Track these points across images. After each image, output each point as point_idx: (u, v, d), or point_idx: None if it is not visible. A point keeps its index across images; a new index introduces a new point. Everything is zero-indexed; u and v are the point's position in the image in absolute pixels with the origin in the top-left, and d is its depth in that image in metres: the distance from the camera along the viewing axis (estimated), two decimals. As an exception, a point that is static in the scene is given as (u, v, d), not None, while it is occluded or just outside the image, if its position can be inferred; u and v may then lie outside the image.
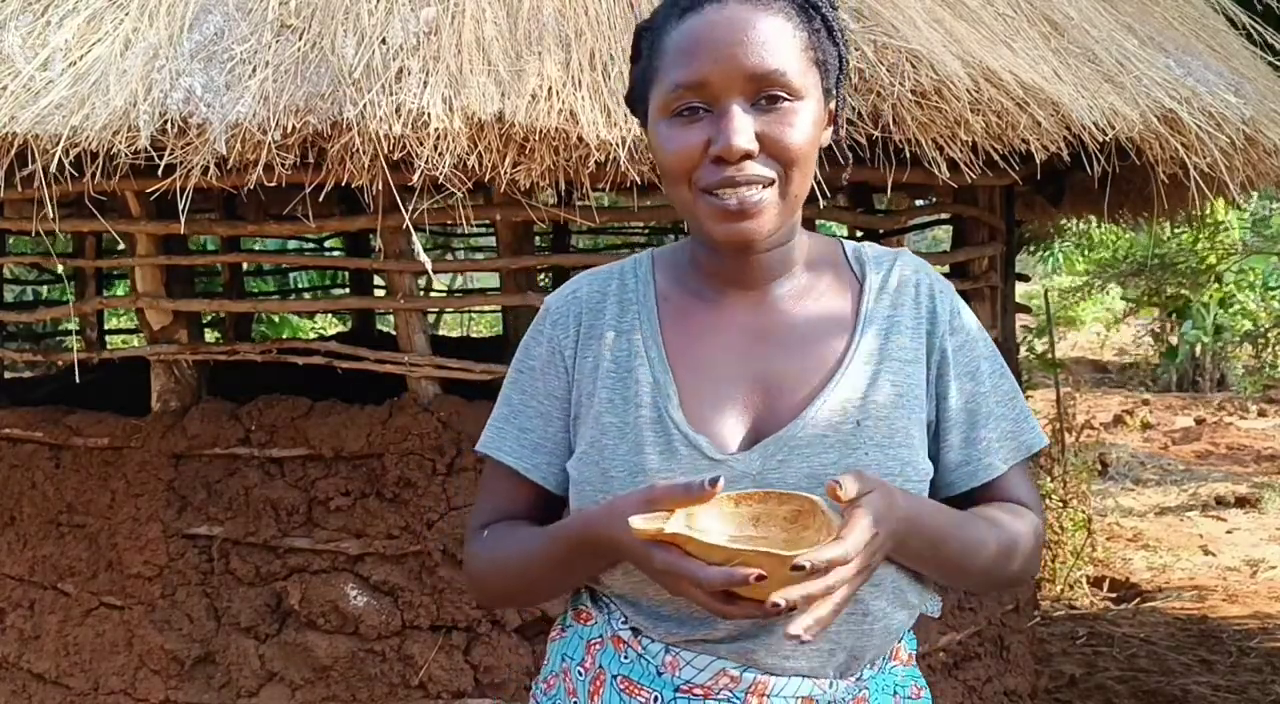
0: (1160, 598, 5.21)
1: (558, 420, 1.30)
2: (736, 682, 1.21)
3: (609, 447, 1.23)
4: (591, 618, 1.30)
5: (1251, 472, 7.92)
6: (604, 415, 1.25)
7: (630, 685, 1.24)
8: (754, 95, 1.15)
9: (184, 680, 2.86)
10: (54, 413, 3.13)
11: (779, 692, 1.20)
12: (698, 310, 1.28)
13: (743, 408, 1.24)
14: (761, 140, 1.15)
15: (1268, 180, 3.07)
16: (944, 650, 3.09)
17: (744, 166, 1.15)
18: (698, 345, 1.27)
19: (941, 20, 2.58)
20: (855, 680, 1.25)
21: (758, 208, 1.17)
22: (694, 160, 1.17)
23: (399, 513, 2.75)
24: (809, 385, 1.23)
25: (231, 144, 2.28)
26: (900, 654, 1.32)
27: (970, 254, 3.28)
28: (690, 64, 1.16)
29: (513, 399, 1.33)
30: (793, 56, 1.16)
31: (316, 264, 6.43)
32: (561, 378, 1.30)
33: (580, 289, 1.34)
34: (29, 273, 6.03)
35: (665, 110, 1.19)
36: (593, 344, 1.29)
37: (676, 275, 1.32)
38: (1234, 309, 10.80)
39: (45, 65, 2.48)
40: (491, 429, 1.35)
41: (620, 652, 1.26)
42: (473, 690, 2.75)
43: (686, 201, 1.20)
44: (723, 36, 1.15)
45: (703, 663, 1.21)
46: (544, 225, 3.66)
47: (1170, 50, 2.94)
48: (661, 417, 1.23)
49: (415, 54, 2.33)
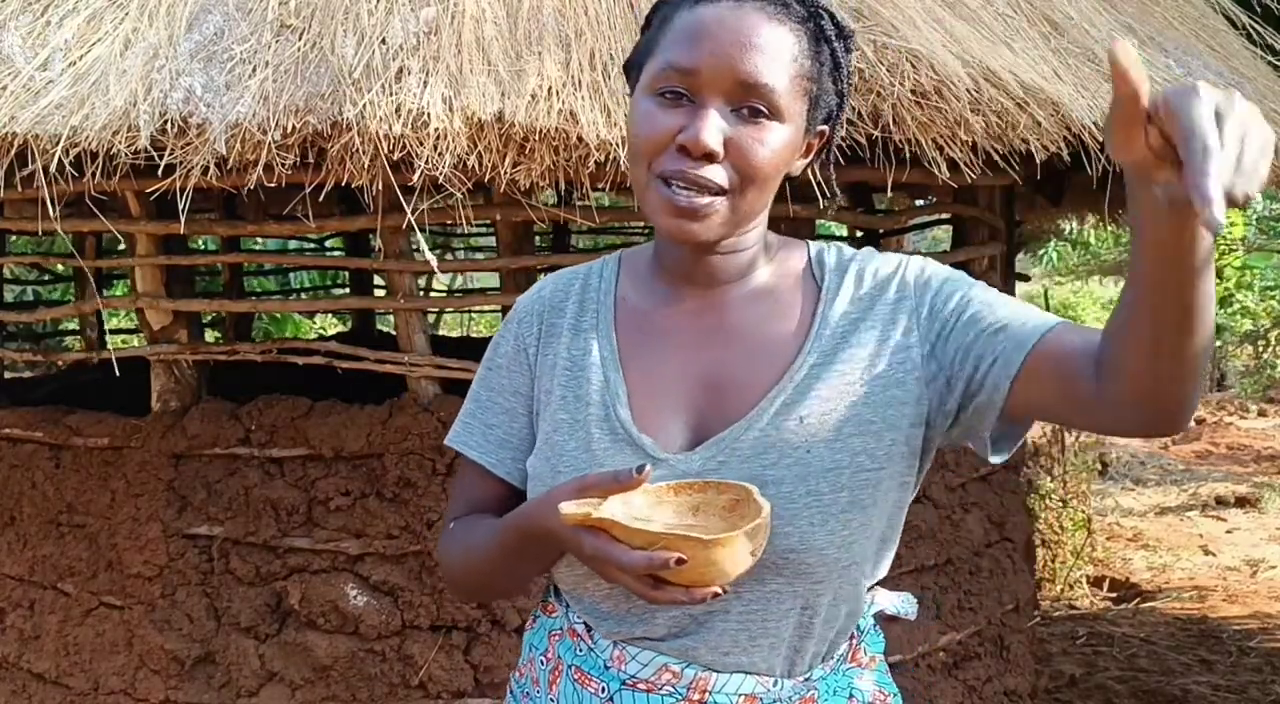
0: (1160, 598, 5.21)
1: (522, 417, 1.33)
2: (678, 677, 1.21)
3: (560, 443, 1.26)
4: (556, 610, 1.33)
5: (1251, 472, 7.92)
6: (558, 412, 1.27)
7: (583, 676, 1.26)
8: (737, 101, 1.15)
9: (184, 680, 2.86)
10: (54, 413, 3.13)
11: (720, 688, 1.21)
12: (653, 311, 1.29)
13: (689, 409, 1.24)
14: (728, 147, 1.15)
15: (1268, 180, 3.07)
16: (944, 650, 3.09)
17: (702, 165, 1.15)
18: (650, 346, 1.28)
19: (941, 20, 2.58)
20: (803, 680, 1.24)
21: (704, 212, 1.16)
22: (660, 144, 1.17)
23: (399, 513, 2.75)
24: (757, 388, 1.22)
25: (231, 144, 2.28)
26: (859, 655, 1.31)
27: (970, 254, 3.28)
28: (688, 48, 1.16)
29: (480, 395, 1.37)
30: (786, 78, 1.16)
31: (317, 264, 6.43)
32: (525, 375, 1.33)
33: (545, 288, 1.37)
34: (29, 273, 6.03)
35: (651, 86, 1.19)
36: (552, 342, 1.32)
37: (639, 276, 1.33)
38: (1234, 309, 10.80)
39: (45, 65, 2.48)
40: (460, 424, 1.37)
41: (575, 643, 1.28)
42: (473, 690, 2.75)
43: (641, 183, 1.20)
44: (727, 33, 1.15)
45: (646, 658, 1.23)
46: (544, 225, 3.66)
47: (1170, 50, 2.94)
48: (609, 415, 1.24)
49: (415, 54, 2.33)
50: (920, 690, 3.01)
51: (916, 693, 3.00)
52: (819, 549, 1.18)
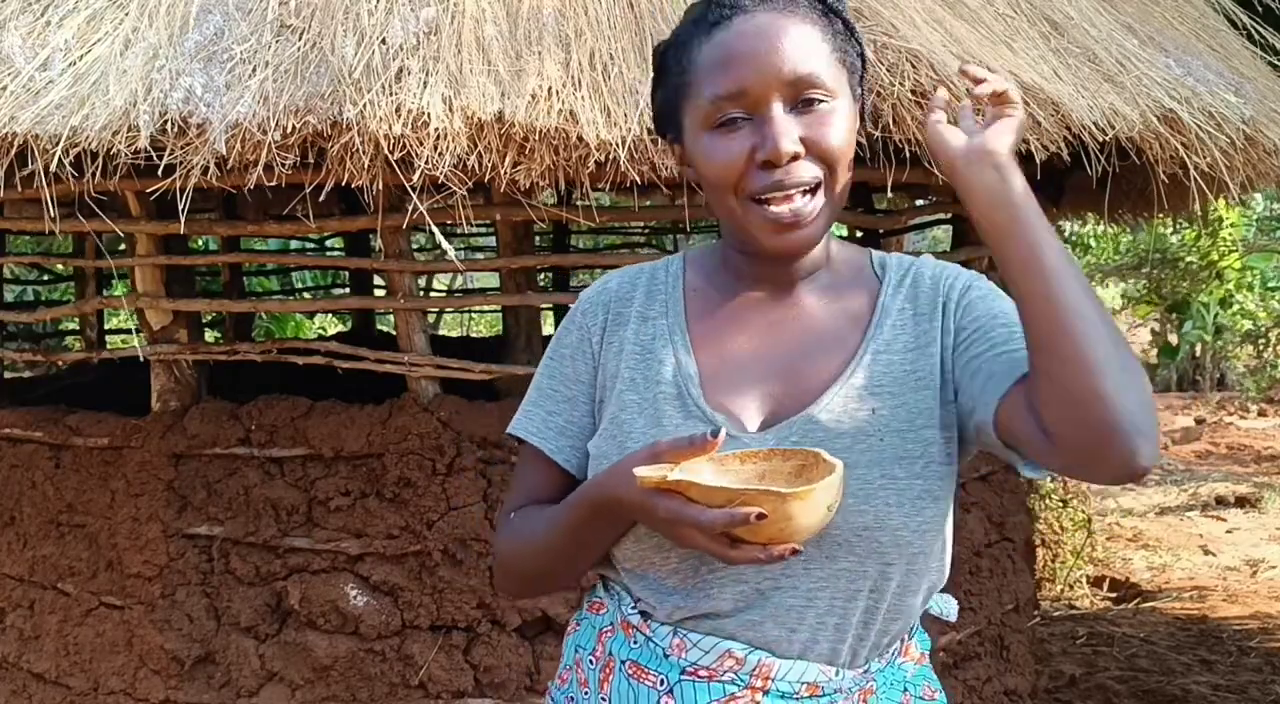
0: (1160, 598, 5.21)
1: (583, 405, 1.33)
2: (741, 664, 1.21)
3: (628, 421, 1.26)
4: (603, 607, 1.33)
5: (1251, 472, 7.92)
6: (626, 393, 1.28)
7: (638, 670, 1.25)
8: (792, 99, 1.18)
9: (184, 680, 2.86)
10: (54, 413, 3.13)
11: (783, 675, 1.21)
12: (724, 302, 1.31)
13: (762, 393, 1.26)
14: (804, 143, 1.18)
15: (1268, 180, 3.07)
16: (944, 650, 3.09)
17: (791, 170, 1.18)
18: (721, 333, 1.30)
19: (941, 20, 2.58)
20: (862, 672, 1.25)
21: (810, 217, 1.20)
22: (739, 169, 1.19)
23: (399, 513, 2.75)
24: (827, 374, 1.25)
25: (231, 144, 2.28)
26: (911, 651, 1.33)
27: (970, 254, 3.28)
28: (727, 75, 1.19)
29: (542, 384, 1.36)
30: (824, 59, 1.19)
31: (317, 264, 6.43)
32: (588, 363, 1.33)
33: (611, 282, 1.38)
34: (29, 273, 6.03)
35: (706, 124, 1.21)
36: (619, 330, 1.32)
37: (706, 272, 1.35)
38: (1234, 309, 10.79)
39: (45, 65, 2.48)
40: (521, 413, 1.37)
41: (629, 637, 1.27)
42: (473, 690, 2.75)
43: (733, 212, 1.22)
44: (756, 45, 1.18)
45: (708, 644, 1.22)
46: (544, 225, 3.66)
47: (1170, 50, 2.94)
48: (681, 394, 1.25)
49: (415, 54, 2.33)
50: (920, 690, 3.01)
51: (916, 693, 3.00)
52: (894, 529, 1.19)
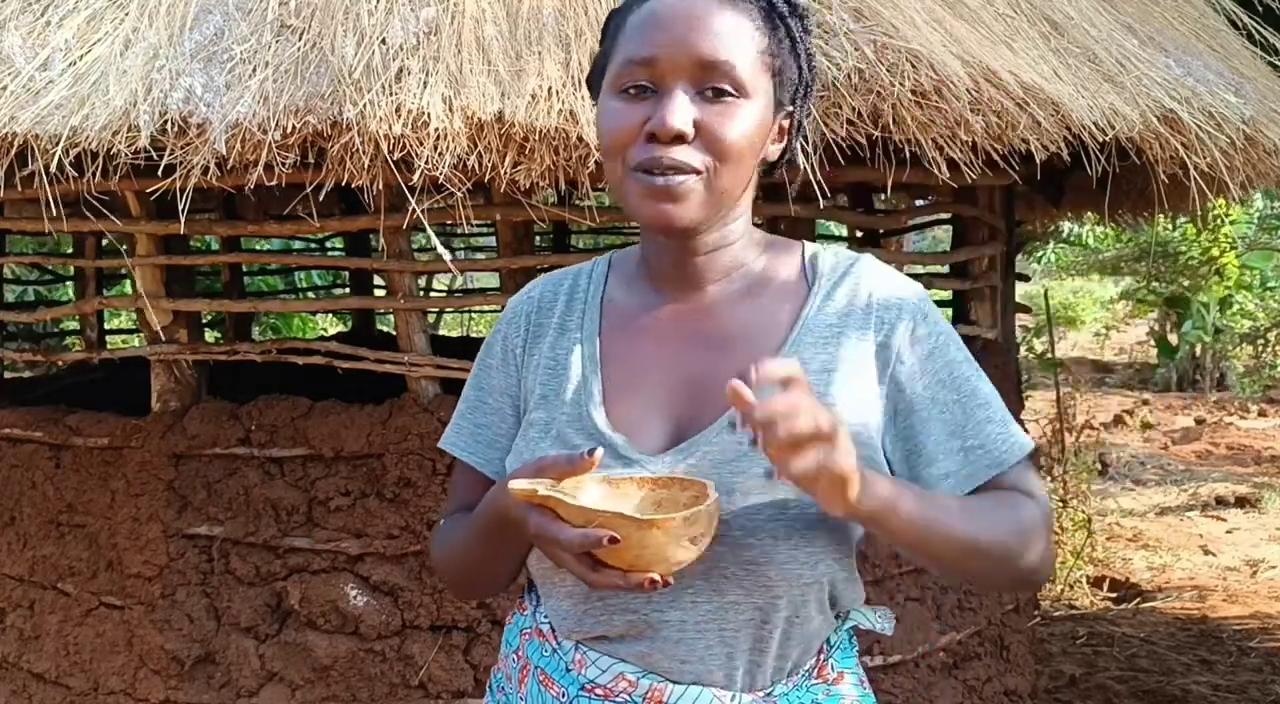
0: (1160, 598, 5.21)
1: (510, 417, 1.34)
2: (634, 686, 1.20)
3: (534, 440, 1.27)
4: (526, 608, 1.35)
5: (1251, 472, 7.92)
6: (534, 411, 1.29)
7: (546, 679, 1.27)
8: (700, 83, 1.16)
9: (184, 680, 2.86)
10: (54, 413, 3.13)
11: (675, 700, 1.19)
12: (638, 312, 1.29)
13: (668, 410, 1.24)
14: (698, 128, 1.15)
15: (1268, 180, 3.07)
16: (944, 650, 3.09)
17: (672, 149, 1.15)
18: (632, 346, 1.28)
19: (941, 20, 2.58)
20: (764, 694, 1.21)
21: (681, 191, 1.16)
22: (630, 136, 1.17)
23: (399, 513, 2.75)
24: None
25: (231, 144, 2.28)
26: (826, 672, 1.26)
27: (970, 254, 3.28)
28: (642, 40, 1.17)
29: (470, 396, 1.38)
30: (746, 54, 1.17)
31: (317, 264, 6.43)
32: (512, 376, 1.34)
33: (535, 290, 1.38)
34: (29, 273, 6.03)
35: (614, 86, 1.20)
36: (537, 343, 1.33)
37: (628, 278, 1.33)
38: (1234, 309, 10.80)
39: (45, 65, 2.48)
40: (451, 426, 1.39)
41: (541, 643, 1.29)
42: (473, 690, 2.75)
43: (618, 178, 1.21)
44: (680, 19, 1.16)
45: (605, 664, 1.23)
46: (544, 225, 3.66)
47: (1170, 50, 2.94)
48: (581, 415, 1.25)
49: (415, 54, 2.33)
50: (920, 690, 3.01)
51: (916, 693, 3.00)
52: (780, 564, 1.16)
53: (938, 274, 3.58)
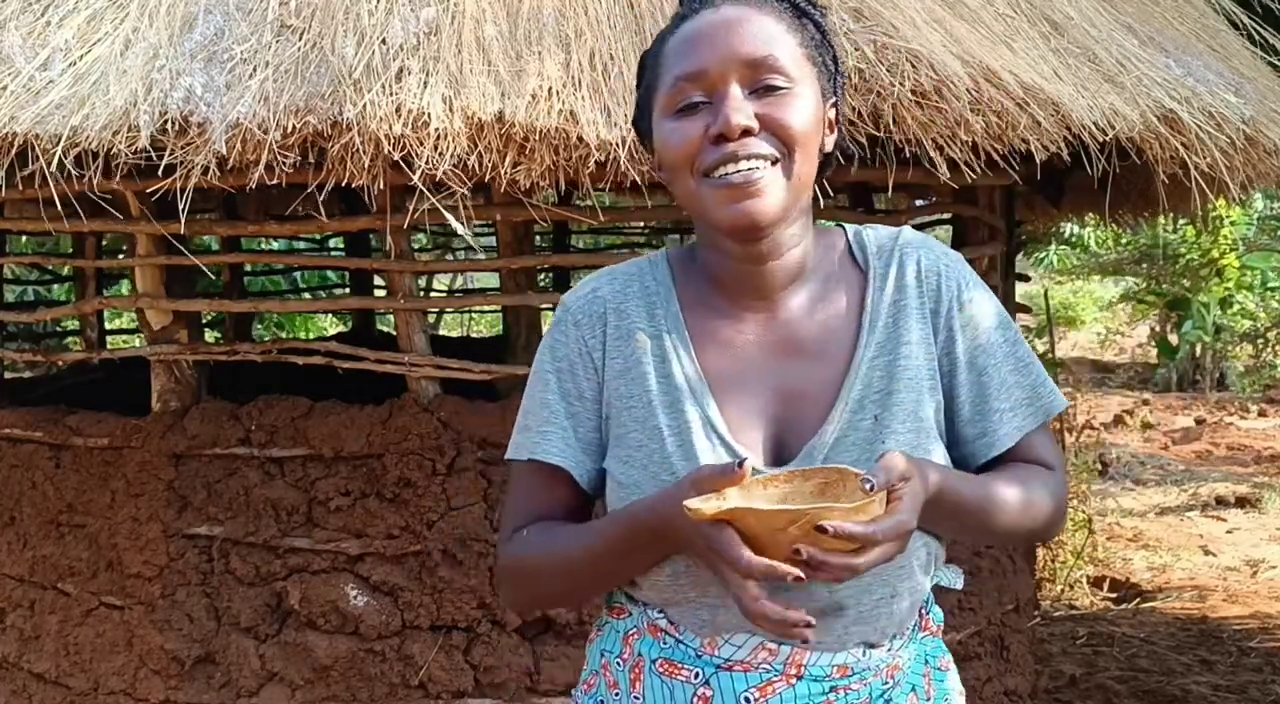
0: (1160, 598, 5.21)
1: (590, 420, 1.31)
2: (774, 654, 1.23)
3: (658, 450, 1.24)
4: (626, 612, 1.32)
5: (1251, 472, 7.92)
6: (649, 419, 1.26)
7: (670, 667, 1.26)
8: (751, 82, 1.18)
9: (184, 680, 2.86)
10: (54, 413, 3.13)
11: (815, 661, 1.24)
12: (718, 321, 1.30)
13: (770, 421, 1.26)
14: (762, 121, 1.18)
15: (1268, 180, 3.07)
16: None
17: (745, 142, 1.17)
18: (722, 358, 1.28)
19: (941, 20, 2.58)
20: (888, 650, 1.28)
21: (761, 184, 1.18)
22: (695, 146, 1.19)
23: (399, 513, 2.75)
24: (827, 392, 1.25)
25: (232, 144, 2.28)
26: (930, 625, 1.37)
27: (970, 254, 3.27)
28: (687, 57, 1.20)
29: (551, 402, 1.32)
30: (787, 47, 1.20)
31: (317, 264, 6.43)
32: (592, 379, 1.30)
33: (601, 289, 1.33)
34: (29, 273, 6.03)
35: (668, 108, 1.22)
36: (621, 345, 1.29)
37: (694, 286, 1.32)
38: (1234, 309, 10.79)
39: (45, 65, 2.48)
40: (525, 434, 1.33)
41: (658, 638, 1.28)
42: (473, 690, 2.75)
43: (690, 191, 1.21)
44: (717, 30, 1.20)
45: (740, 639, 1.24)
46: (544, 225, 3.66)
47: (1170, 50, 2.94)
48: (706, 422, 1.24)
49: (415, 54, 2.33)
50: (920, 690, 3.00)
51: (916, 693, 2.99)
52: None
53: (938, 274, 3.58)
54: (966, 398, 1.29)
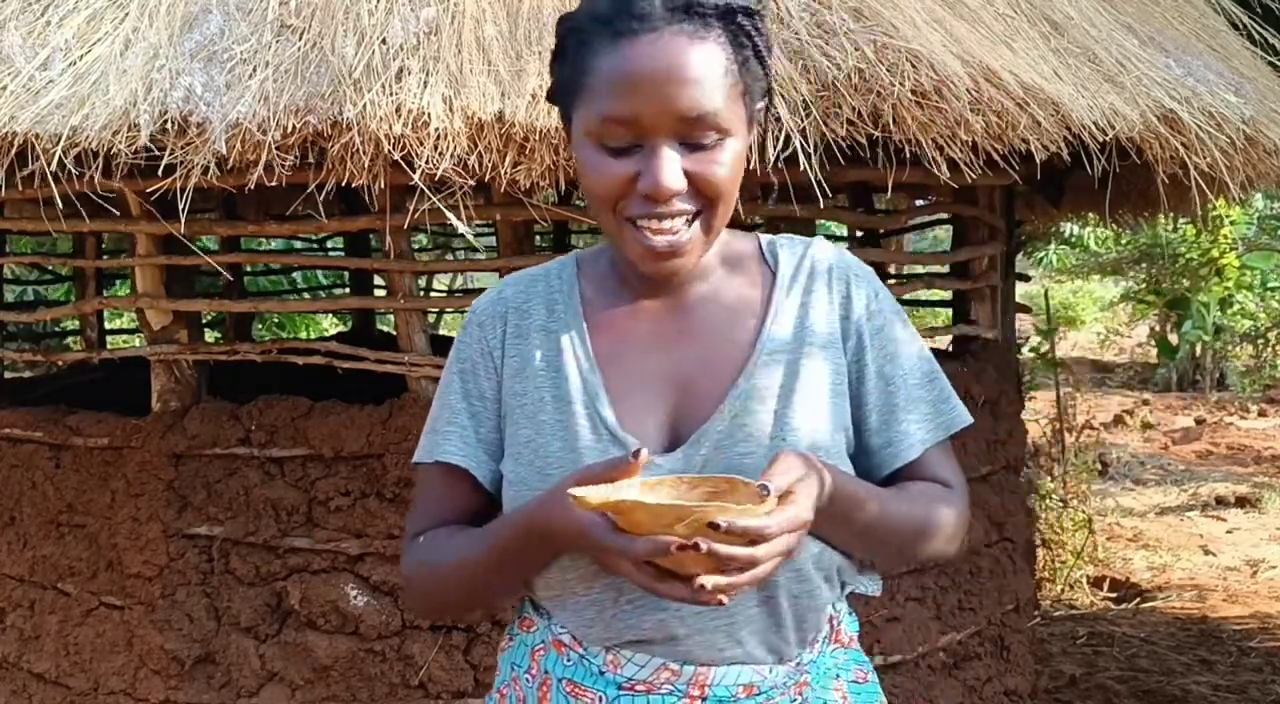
0: (1160, 598, 5.21)
1: (490, 420, 1.31)
2: (677, 675, 1.22)
3: (543, 445, 1.25)
4: (534, 625, 1.31)
5: (1251, 471, 7.92)
6: (538, 414, 1.26)
7: (575, 688, 1.25)
8: (685, 136, 1.16)
9: (184, 680, 2.86)
10: (54, 413, 3.13)
11: (719, 681, 1.23)
12: (618, 314, 1.30)
13: (663, 407, 1.26)
14: (689, 177, 1.16)
15: (1268, 180, 3.07)
16: (944, 650, 3.09)
17: (672, 202, 1.17)
18: (619, 348, 1.28)
19: (941, 20, 2.58)
20: (795, 666, 1.27)
21: (685, 247, 1.19)
22: (620, 191, 1.18)
23: (399, 513, 2.75)
24: (723, 380, 1.25)
25: (232, 144, 2.28)
26: (841, 636, 1.35)
27: (970, 254, 3.28)
28: (622, 98, 1.15)
29: (453, 404, 1.33)
30: (724, 94, 1.16)
31: (317, 264, 6.43)
32: (492, 378, 1.32)
33: (506, 291, 1.36)
34: (29, 273, 6.03)
35: (593, 137, 1.18)
36: (519, 344, 1.31)
37: (599, 280, 1.34)
38: (1234, 309, 10.78)
39: (45, 65, 2.48)
40: (430, 436, 1.34)
41: (562, 655, 1.27)
42: (473, 690, 2.75)
43: (611, 227, 1.21)
44: (658, 74, 1.14)
45: (642, 660, 1.23)
46: (544, 225, 3.66)
47: (1170, 50, 2.94)
48: (593, 415, 1.24)
49: (415, 54, 2.33)
50: (920, 690, 3.01)
51: (916, 693, 3.00)
52: (804, 544, 1.18)
53: (938, 274, 3.58)
54: (874, 407, 1.29)
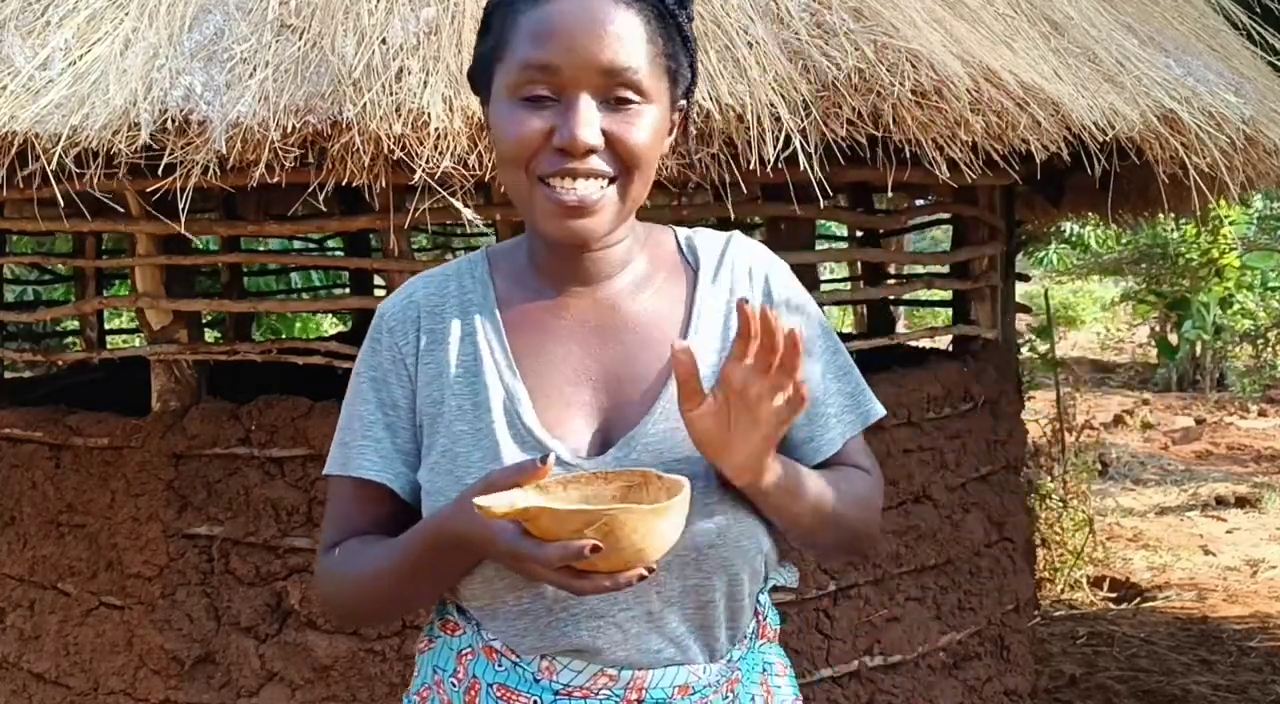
0: (1160, 598, 5.21)
1: (406, 430, 1.27)
2: (614, 680, 1.20)
3: (462, 454, 1.21)
4: (460, 629, 1.28)
5: (1251, 471, 7.92)
6: (455, 423, 1.22)
7: (507, 693, 1.22)
8: (604, 91, 1.14)
9: (184, 680, 2.86)
10: (54, 413, 3.13)
11: (656, 683, 1.21)
12: (538, 312, 1.26)
13: (590, 410, 1.23)
14: (607, 136, 1.14)
15: (1268, 180, 3.07)
16: (944, 650, 3.09)
17: (587, 160, 1.14)
18: (541, 348, 1.25)
19: (941, 20, 2.58)
20: (726, 663, 1.26)
21: (597, 205, 1.16)
22: (534, 147, 1.14)
23: (399, 513, 2.75)
24: (651, 384, 1.22)
25: (232, 143, 2.28)
26: (766, 630, 1.35)
27: (970, 254, 3.28)
28: (543, 46, 1.13)
29: (364, 414, 1.29)
30: (646, 59, 1.15)
31: (317, 264, 6.43)
32: (406, 386, 1.27)
33: (416, 293, 1.30)
34: (29, 273, 6.03)
35: (511, 90, 1.16)
36: (435, 350, 1.26)
37: (515, 275, 1.29)
38: (1234, 309, 10.79)
39: (45, 65, 2.48)
40: (343, 448, 1.30)
41: (494, 661, 1.23)
42: (473, 690, 2.75)
43: (521, 189, 1.18)
44: (580, 25, 1.12)
45: (579, 666, 1.20)
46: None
47: (1170, 50, 2.94)
48: (514, 422, 1.21)
49: (415, 54, 2.33)
50: (920, 690, 3.01)
51: (916, 693, 3.00)
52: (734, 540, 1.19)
53: (938, 274, 3.58)
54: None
